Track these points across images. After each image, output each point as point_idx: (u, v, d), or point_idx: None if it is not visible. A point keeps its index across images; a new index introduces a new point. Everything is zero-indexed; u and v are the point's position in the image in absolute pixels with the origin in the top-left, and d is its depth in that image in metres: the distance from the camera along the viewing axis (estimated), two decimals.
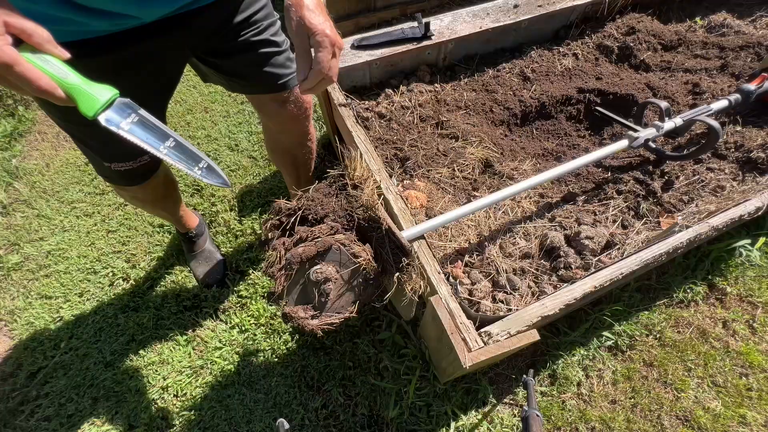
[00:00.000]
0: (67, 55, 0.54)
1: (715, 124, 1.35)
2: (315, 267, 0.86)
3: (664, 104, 1.41)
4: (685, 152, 1.51)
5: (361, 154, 1.02)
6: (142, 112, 0.59)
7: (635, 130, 1.39)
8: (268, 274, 0.86)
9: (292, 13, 0.67)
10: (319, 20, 0.66)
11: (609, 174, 1.54)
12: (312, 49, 0.67)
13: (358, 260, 0.88)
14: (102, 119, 0.55)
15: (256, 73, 1.01)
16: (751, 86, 1.52)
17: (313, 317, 0.89)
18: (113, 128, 0.55)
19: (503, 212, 1.43)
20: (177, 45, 0.86)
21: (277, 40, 1.02)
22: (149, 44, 0.79)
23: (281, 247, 0.86)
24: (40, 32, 0.51)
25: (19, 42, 0.50)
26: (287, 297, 0.88)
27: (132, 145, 0.58)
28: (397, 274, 0.93)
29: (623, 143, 1.35)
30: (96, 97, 0.53)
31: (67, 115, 0.83)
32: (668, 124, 1.40)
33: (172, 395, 1.37)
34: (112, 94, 0.55)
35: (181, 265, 1.64)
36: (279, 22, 1.03)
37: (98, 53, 0.73)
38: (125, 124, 0.56)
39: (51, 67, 0.51)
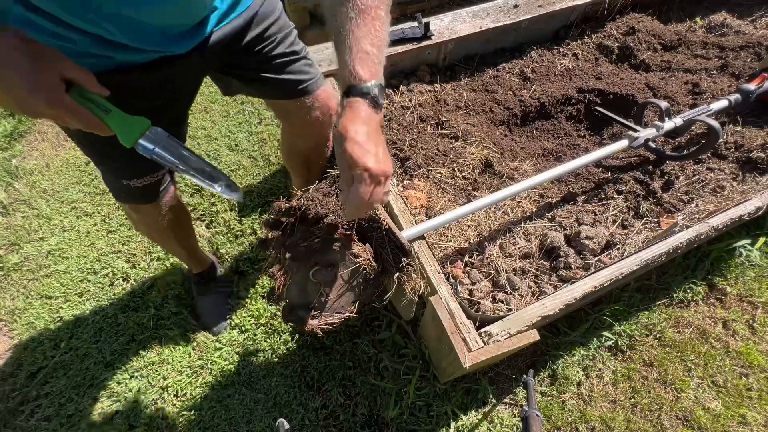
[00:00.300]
0: (107, 92, 0.63)
1: (715, 124, 1.35)
2: (315, 267, 0.86)
3: (664, 104, 1.41)
4: (685, 152, 1.51)
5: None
6: (171, 138, 0.67)
7: (635, 130, 1.39)
8: (267, 274, 0.86)
9: (335, 142, 0.67)
10: (361, 152, 0.63)
11: (609, 174, 1.54)
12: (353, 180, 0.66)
13: (358, 260, 0.88)
14: (138, 147, 0.64)
15: (275, 81, 1.03)
16: (751, 86, 1.52)
17: (313, 317, 0.89)
18: (147, 154, 0.65)
19: (503, 212, 1.43)
20: (193, 67, 0.89)
21: (293, 50, 1.03)
22: (168, 71, 0.82)
23: (281, 247, 0.86)
24: (86, 77, 0.60)
25: (70, 84, 0.59)
26: (287, 297, 0.88)
27: (152, 161, 0.66)
28: (397, 274, 0.93)
29: (623, 143, 1.35)
30: (132, 127, 0.63)
31: (93, 141, 0.86)
32: (668, 124, 1.40)
33: (172, 395, 1.37)
34: (145, 125, 0.64)
35: (181, 264, 1.64)
36: (295, 31, 1.06)
37: (123, 83, 0.76)
38: (157, 149, 0.65)
39: (96, 105, 0.61)
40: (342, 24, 0.65)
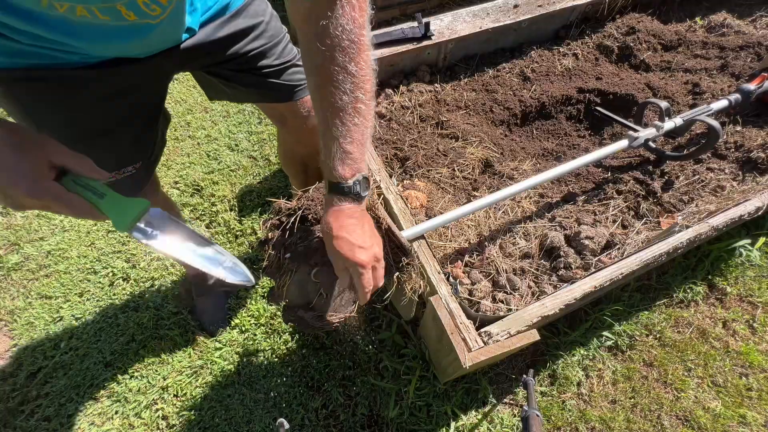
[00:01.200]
0: (107, 175, 0.57)
1: (715, 123, 1.35)
2: (315, 267, 0.86)
3: (664, 104, 1.41)
4: (685, 152, 1.51)
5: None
6: (169, 222, 0.61)
7: (635, 130, 1.39)
8: (267, 274, 0.86)
9: (324, 235, 0.72)
10: (349, 248, 0.69)
11: (609, 174, 1.54)
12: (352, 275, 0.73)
13: None
14: (133, 234, 0.58)
15: (266, 84, 1.00)
16: (751, 86, 1.52)
17: (312, 317, 0.89)
18: (143, 241, 0.58)
19: (503, 212, 1.43)
20: (160, 67, 0.85)
21: (286, 60, 0.99)
22: (132, 73, 0.79)
23: (281, 247, 0.86)
24: (80, 161, 0.54)
25: (64, 171, 0.54)
26: (287, 297, 0.88)
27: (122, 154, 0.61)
28: (397, 273, 0.93)
29: (623, 143, 1.35)
30: (126, 211, 0.57)
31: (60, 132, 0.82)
32: (668, 124, 1.40)
33: (172, 395, 1.37)
34: (142, 206, 0.58)
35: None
36: (287, 37, 1.01)
37: (81, 85, 0.73)
38: (152, 234, 0.59)
39: (90, 190, 0.55)
40: (323, 115, 0.67)
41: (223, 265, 0.64)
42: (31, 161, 0.50)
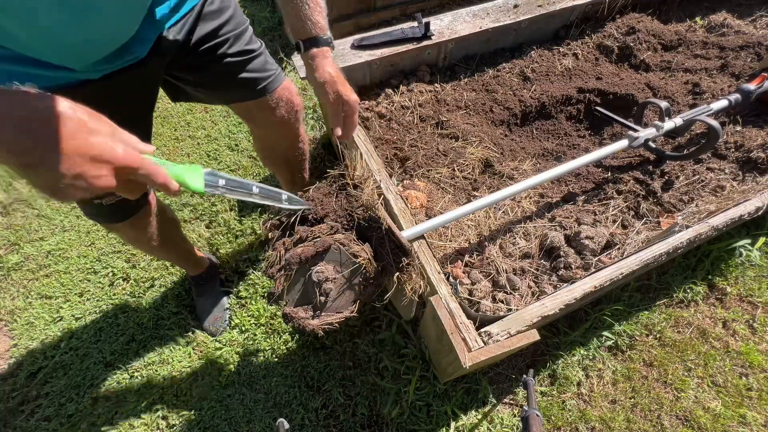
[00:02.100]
0: (153, 148, 0.60)
1: (715, 123, 1.35)
2: (315, 267, 0.86)
3: (664, 104, 1.41)
4: (685, 152, 1.51)
5: (361, 153, 1.02)
6: (224, 173, 0.68)
7: (635, 130, 1.39)
8: (267, 274, 0.86)
9: (318, 89, 0.85)
10: (346, 89, 0.85)
11: (609, 174, 1.54)
12: (343, 113, 0.88)
13: (358, 260, 0.88)
14: (208, 188, 0.64)
15: (233, 82, 0.98)
16: (751, 86, 1.52)
17: (313, 317, 0.89)
18: (216, 192, 0.65)
19: (503, 212, 1.43)
20: (153, 69, 0.85)
21: (250, 48, 0.98)
22: (128, 78, 0.79)
23: (281, 247, 0.86)
24: (145, 146, 0.56)
25: None
26: (287, 297, 0.88)
27: None
28: (397, 273, 0.93)
29: (623, 143, 1.35)
30: (197, 176, 0.62)
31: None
32: (668, 124, 1.40)
33: (172, 395, 1.37)
34: (202, 170, 0.65)
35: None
36: (251, 29, 1.01)
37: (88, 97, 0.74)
38: (220, 187, 0.65)
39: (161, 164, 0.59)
40: None
41: (282, 198, 0.76)
42: (124, 131, 0.52)
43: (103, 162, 0.48)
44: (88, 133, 0.47)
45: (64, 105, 0.46)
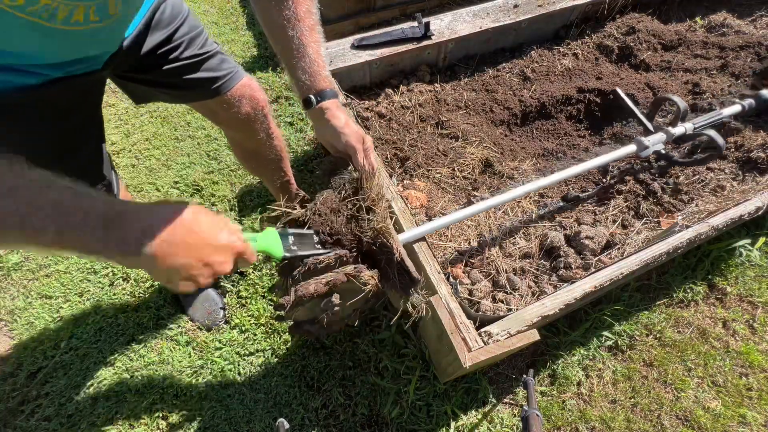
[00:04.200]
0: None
1: (720, 141, 1.34)
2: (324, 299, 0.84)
3: (683, 104, 1.37)
4: (694, 158, 1.50)
5: (379, 176, 0.96)
6: (289, 234, 0.74)
7: (647, 129, 1.36)
8: (278, 306, 0.82)
9: (348, 129, 0.86)
10: (356, 137, 0.86)
11: (613, 174, 1.54)
12: (364, 149, 0.88)
13: (366, 288, 0.85)
14: (287, 253, 0.70)
15: (188, 82, 0.99)
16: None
17: (317, 329, 0.89)
18: (293, 255, 0.71)
19: (503, 212, 1.43)
20: (104, 77, 0.86)
21: (205, 50, 0.99)
22: (82, 86, 0.80)
23: (288, 273, 0.82)
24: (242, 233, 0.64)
25: None
26: (294, 317, 0.87)
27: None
28: (403, 298, 0.90)
29: (631, 148, 1.34)
30: (275, 243, 0.68)
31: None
32: (678, 130, 1.38)
33: (172, 395, 1.36)
34: (277, 234, 0.70)
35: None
36: (206, 32, 1.01)
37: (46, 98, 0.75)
38: (292, 246, 0.72)
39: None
40: (291, 37, 0.79)
41: (313, 242, 0.80)
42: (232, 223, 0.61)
43: (226, 251, 0.58)
44: (217, 228, 0.58)
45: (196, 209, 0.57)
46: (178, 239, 0.52)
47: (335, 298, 0.83)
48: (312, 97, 0.84)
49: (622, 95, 1.49)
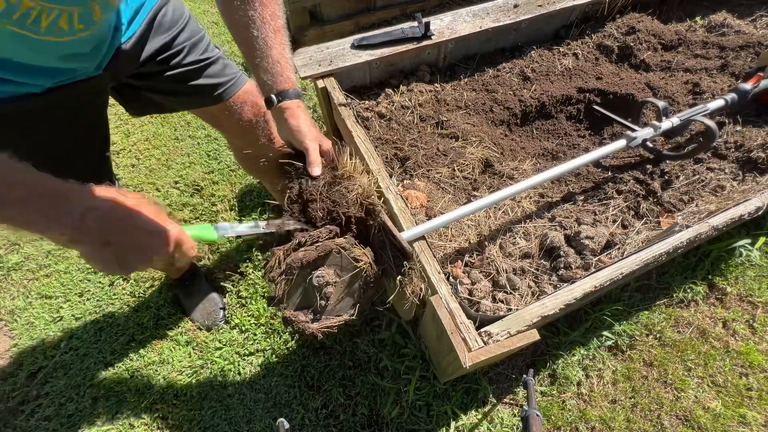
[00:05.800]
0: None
1: (711, 123, 1.36)
2: (316, 272, 0.85)
3: (661, 104, 1.41)
4: (682, 152, 1.51)
5: (351, 152, 0.99)
6: (233, 224, 0.80)
7: (633, 130, 1.39)
8: (268, 278, 0.85)
9: (292, 140, 0.90)
10: (316, 133, 0.91)
11: (609, 174, 1.54)
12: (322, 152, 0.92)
13: (359, 264, 0.87)
14: (221, 237, 0.78)
15: (189, 88, 0.98)
16: (747, 86, 1.52)
17: (313, 321, 0.89)
18: (229, 235, 0.79)
19: (503, 212, 1.43)
20: (105, 84, 0.86)
21: (207, 56, 0.98)
22: (80, 92, 0.80)
23: (280, 252, 0.85)
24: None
25: None
26: (288, 301, 0.88)
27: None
28: (399, 277, 0.93)
29: (621, 143, 1.35)
30: (208, 230, 0.75)
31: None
32: (665, 124, 1.40)
33: (172, 395, 1.37)
34: (211, 225, 0.77)
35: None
36: (207, 37, 1.00)
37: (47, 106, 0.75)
38: (228, 232, 0.78)
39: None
40: (255, 37, 0.81)
41: (260, 227, 0.85)
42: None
43: (160, 235, 0.60)
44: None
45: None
46: (115, 218, 0.56)
47: (327, 274, 0.84)
48: (273, 96, 0.85)
49: (603, 111, 1.53)
